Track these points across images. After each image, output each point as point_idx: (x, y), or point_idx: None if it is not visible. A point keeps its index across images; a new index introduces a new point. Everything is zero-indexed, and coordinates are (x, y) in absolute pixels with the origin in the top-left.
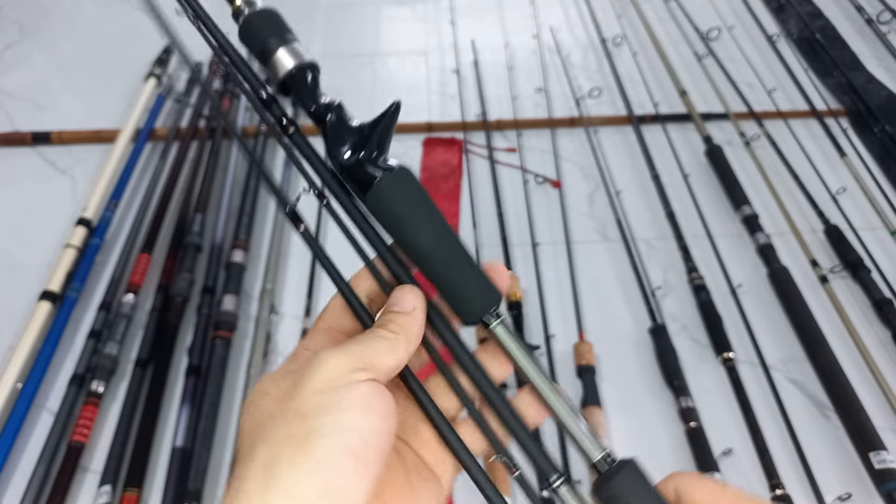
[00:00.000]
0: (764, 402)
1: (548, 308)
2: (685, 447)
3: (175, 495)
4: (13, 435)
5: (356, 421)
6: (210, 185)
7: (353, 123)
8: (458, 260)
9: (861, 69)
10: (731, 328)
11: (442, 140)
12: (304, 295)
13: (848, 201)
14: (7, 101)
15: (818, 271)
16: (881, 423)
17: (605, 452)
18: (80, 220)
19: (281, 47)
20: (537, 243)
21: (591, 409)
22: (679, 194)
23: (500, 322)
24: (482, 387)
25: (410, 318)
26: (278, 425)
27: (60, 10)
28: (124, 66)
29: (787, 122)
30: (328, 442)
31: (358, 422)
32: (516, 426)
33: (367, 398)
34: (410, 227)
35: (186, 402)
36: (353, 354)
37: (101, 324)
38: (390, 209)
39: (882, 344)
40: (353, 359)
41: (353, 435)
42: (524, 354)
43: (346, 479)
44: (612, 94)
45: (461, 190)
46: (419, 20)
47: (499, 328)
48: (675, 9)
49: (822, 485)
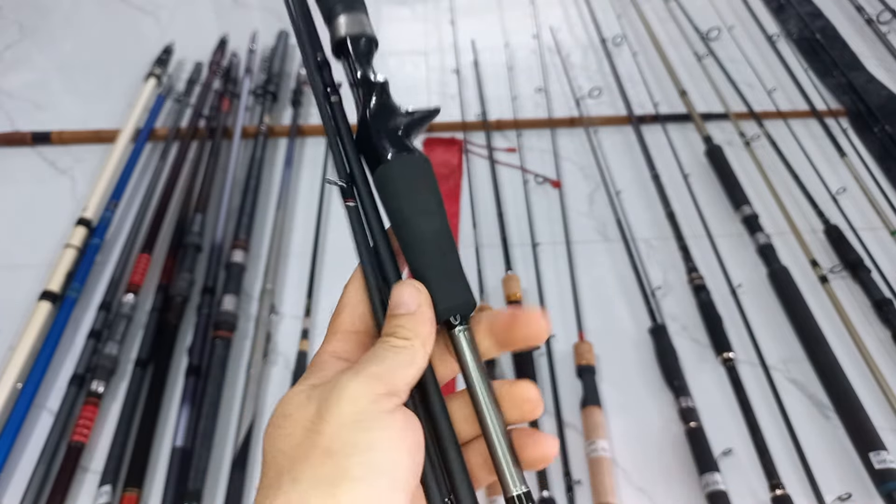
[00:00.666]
0: (764, 402)
1: (548, 308)
2: (685, 447)
3: (175, 495)
4: (13, 435)
5: (387, 463)
6: (210, 185)
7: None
8: (450, 252)
9: (861, 69)
10: (731, 328)
11: (442, 140)
12: (304, 295)
13: (848, 201)
14: (7, 101)
15: (818, 271)
16: (881, 423)
17: (524, 491)
18: (80, 220)
19: (347, 12)
20: (537, 243)
21: (591, 409)
22: (679, 194)
23: (465, 330)
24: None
25: (417, 318)
26: (307, 461)
27: (60, 10)
28: (124, 66)
29: (787, 122)
30: (360, 487)
31: (389, 464)
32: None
33: (398, 433)
34: (416, 206)
35: (186, 402)
36: (374, 377)
37: (101, 324)
38: (401, 184)
39: (882, 344)
40: (375, 383)
41: (385, 479)
42: (476, 368)
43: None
44: (612, 94)
45: (461, 190)
46: (419, 20)
47: (462, 334)
48: (675, 9)
49: (822, 485)
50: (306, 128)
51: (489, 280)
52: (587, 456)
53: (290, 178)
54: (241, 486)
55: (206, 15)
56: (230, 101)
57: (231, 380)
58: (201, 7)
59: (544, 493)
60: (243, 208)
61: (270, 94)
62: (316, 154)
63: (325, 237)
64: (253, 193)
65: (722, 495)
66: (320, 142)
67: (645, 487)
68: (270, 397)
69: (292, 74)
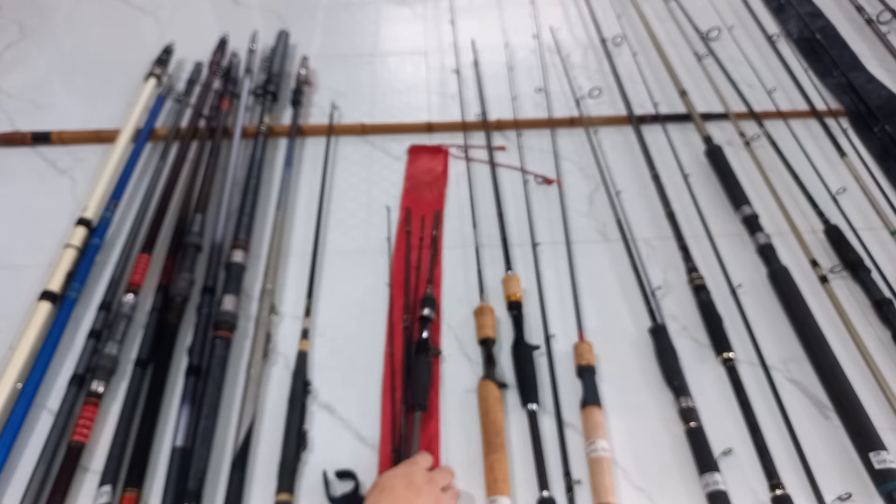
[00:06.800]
0: (764, 402)
1: (548, 308)
2: (685, 447)
3: (175, 495)
4: (13, 435)
5: None
6: (210, 185)
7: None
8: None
9: (861, 69)
10: (731, 328)
11: (427, 147)
12: (304, 295)
13: (848, 201)
14: (7, 101)
15: (818, 271)
16: (881, 423)
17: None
18: (80, 220)
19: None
20: (537, 243)
21: (591, 409)
22: (679, 194)
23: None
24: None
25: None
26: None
27: (60, 10)
28: (124, 66)
29: (787, 122)
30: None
31: None
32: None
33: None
34: None
35: (186, 402)
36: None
37: (101, 324)
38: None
39: (882, 344)
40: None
41: None
42: None
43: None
44: (612, 94)
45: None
46: (419, 20)
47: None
48: (675, 9)
49: (822, 485)
50: (306, 128)
51: (489, 280)
52: (587, 456)
53: (290, 178)
54: (240, 486)
55: (206, 15)
56: (230, 101)
57: (231, 380)
58: (201, 7)
59: (544, 493)
60: (243, 208)
61: (270, 94)
62: (316, 154)
63: (325, 237)
64: (253, 193)
65: (722, 495)
66: (320, 142)
67: (645, 487)
68: (270, 397)
69: (292, 74)
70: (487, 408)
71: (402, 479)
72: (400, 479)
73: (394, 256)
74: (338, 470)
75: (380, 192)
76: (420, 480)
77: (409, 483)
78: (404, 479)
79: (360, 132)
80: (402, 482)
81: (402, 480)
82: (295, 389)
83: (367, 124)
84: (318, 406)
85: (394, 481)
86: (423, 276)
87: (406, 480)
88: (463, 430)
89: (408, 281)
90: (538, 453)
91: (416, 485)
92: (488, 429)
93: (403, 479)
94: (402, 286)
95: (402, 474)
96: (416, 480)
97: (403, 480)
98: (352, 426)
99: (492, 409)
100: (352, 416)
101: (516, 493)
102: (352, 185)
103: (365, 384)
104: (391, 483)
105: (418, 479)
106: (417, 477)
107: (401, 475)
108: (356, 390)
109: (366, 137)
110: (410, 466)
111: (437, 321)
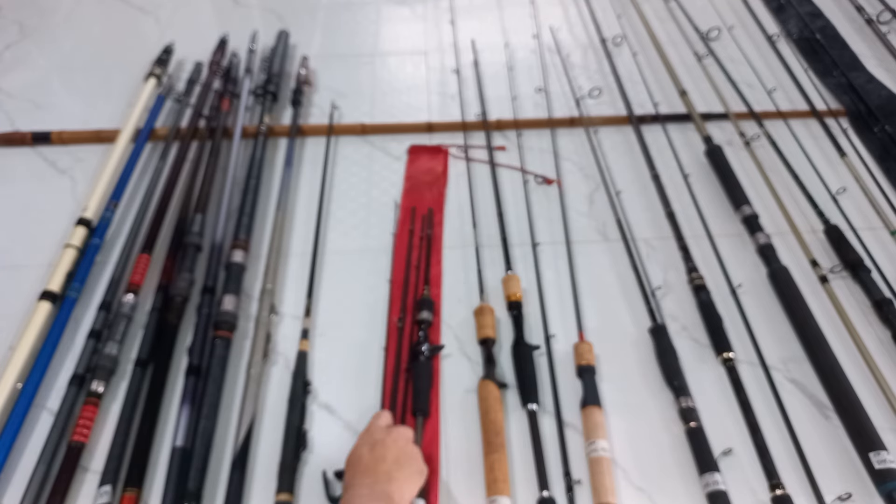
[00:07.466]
0: (764, 402)
1: (548, 308)
2: (685, 447)
3: (175, 495)
4: (13, 435)
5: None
6: (210, 185)
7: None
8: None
9: (861, 69)
10: (731, 328)
11: (427, 147)
12: (304, 295)
13: (848, 201)
14: (7, 101)
15: (818, 271)
16: (881, 423)
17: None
18: (80, 220)
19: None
20: (537, 243)
21: (591, 409)
22: (679, 194)
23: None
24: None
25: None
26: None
27: (60, 10)
28: (124, 66)
29: (787, 122)
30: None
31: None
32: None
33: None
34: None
35: (186, 402)
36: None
37: (101, 324)
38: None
39: (882, 344)
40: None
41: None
42: None
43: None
44: (612, 94)
45: (452, 194)
46: (419, 20)
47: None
48: (675, 9)
49: (822, 485)
50: (306, 128)
51: (489, 280)
52: (587, 456)
53: (290, 178)
54: (240, 486)
55: (206, 15)
56: (230, 101)
57: (231, 380)
58: (201, 7)
59: (544, 493)
60: (243, 208)
61: (270, 94)
62: (316, 154)
63: (325, 237)
64: (253, 193)
65: (722, 495)
66: (320, 142)
67: (645, 487)
68: (270, 397)
69: (292, 74)
70: (487, 408)
71: (365, 446)
72: (364, 448)
73: (394, 255)
74: (337, 470)
75: (380, 193)
76: (380, 435)
77: (372, 443)
78: (367, 444)
79: (360, 132)
80: (366, 448)
81: (366, 446)
82: (295, 389)
83: (367, 124)
84: (318, 406)
85: (360, 451)
86: (422, 275)
87: (368, 442)
88: (463, 430)
89: (407, 281)
90: (538, 453)
91: (378, 440)
92: (488, 429)
93: (366, 445)
94: (402, 286)
95: (364, 442)
96: (376, 436)
97: (366, 445)
98: (352, 426)
99: (492, 409)
100: (352, 416)
101: (516, 493)
102: (352, 185)
103: (365, 384)
104: (358, 453)
105: (378, 435)
106: (377, 434)
107: (362, 443)
108: (356, 390)
109: (366, 137)
110: (368, 429)
111: (437, 321)
